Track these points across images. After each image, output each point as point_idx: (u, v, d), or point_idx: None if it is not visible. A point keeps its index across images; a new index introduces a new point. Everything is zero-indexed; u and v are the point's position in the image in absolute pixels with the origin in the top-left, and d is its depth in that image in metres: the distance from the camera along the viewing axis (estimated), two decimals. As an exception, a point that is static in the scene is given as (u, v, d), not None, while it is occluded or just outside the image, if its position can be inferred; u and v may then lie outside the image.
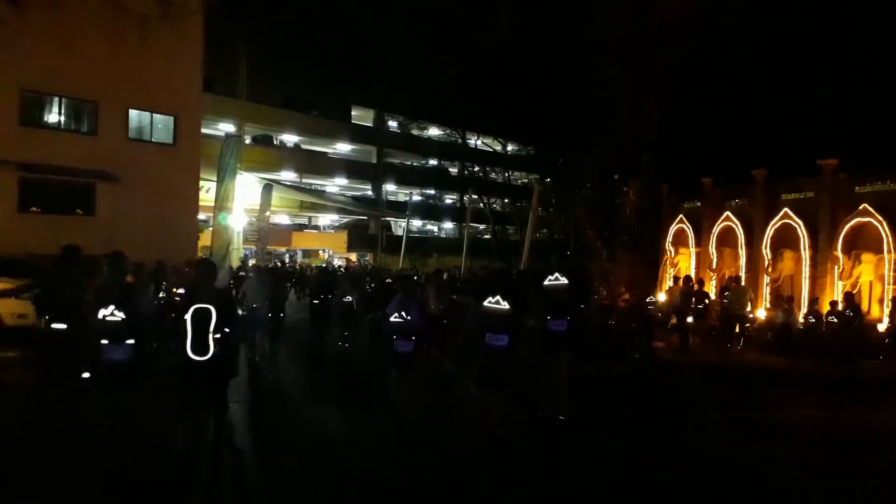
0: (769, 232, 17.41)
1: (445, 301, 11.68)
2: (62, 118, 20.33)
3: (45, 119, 20.03)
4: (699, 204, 20.60)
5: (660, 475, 5.92)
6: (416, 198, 41.78)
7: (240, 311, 10.75)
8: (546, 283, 7.67)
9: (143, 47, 20.19)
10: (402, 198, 40.62)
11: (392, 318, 7.06)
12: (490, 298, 6.70)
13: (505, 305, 6.57)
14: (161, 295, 11.57)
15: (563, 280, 7.56)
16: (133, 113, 21.19)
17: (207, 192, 21.16)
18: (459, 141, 39.04)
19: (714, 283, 18.76)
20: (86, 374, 6.13)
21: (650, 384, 10.78)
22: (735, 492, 5.55)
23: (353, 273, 21.27)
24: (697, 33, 19.15)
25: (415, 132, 40.33)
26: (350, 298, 13.16)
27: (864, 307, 14.80)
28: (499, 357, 6.51)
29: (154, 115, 21.79)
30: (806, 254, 16.51)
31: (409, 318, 7.02)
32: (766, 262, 17.43)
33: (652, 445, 6.86)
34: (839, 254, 15.57)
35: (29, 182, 18.97)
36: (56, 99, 19.96)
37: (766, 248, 17.47)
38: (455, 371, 9.47)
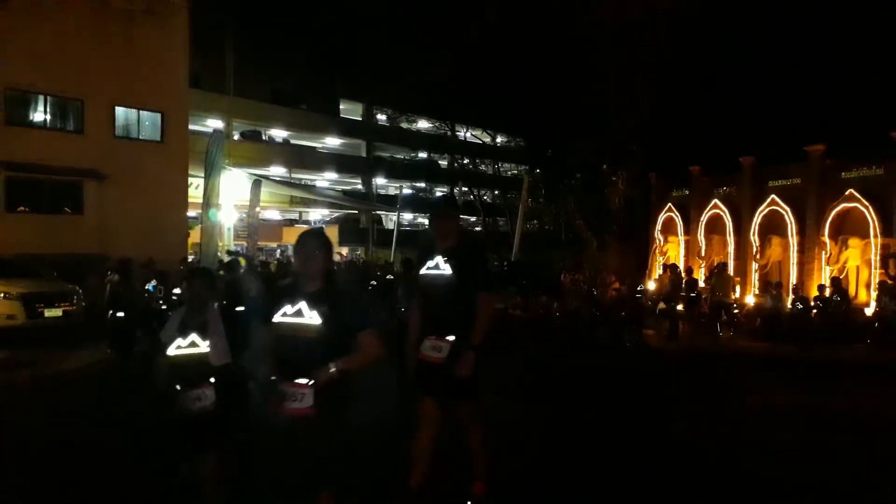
0: (757, 219, 17.53)
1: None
2: (48, 117, 20.16)
3: (31, 118, 19.86)
4: (687, 192, 20.70)
5: (649, 462, 5.97)
6: (407, 191, 41.71)
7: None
8: (423, 271, 4.45)
9: (128, 44, 20.07)
10: (392, 191, 40.52)
11: (171, 351, 4.05)
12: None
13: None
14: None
15: (446, 270, 4.31)
16: (119, 110, 21.03)
17: (196, 188, 21.07)
18: (449, 133, 39.00)
19: (703, 270, 18.89)
20: None
21: (640, 372, 10.84)
22: (725, 477, 5.61)
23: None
24: (685, 22, 19.19)
25: (404, 125, 40.23)
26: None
27: (852, 292, 14.96)
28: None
29: (141, 112, 21.63)
30: (793, 240, 16.64)
31: (208, 346, 4.06)
32: (755, 249, 17.56)
33: (641, 433, 6.91)
34: (826, 239, 15.71)
35: (16, 181, 18.82)
36: (41, 97, 19.78)
37: (754, 234, 17.60)
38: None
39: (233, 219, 20.77)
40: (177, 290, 10.18)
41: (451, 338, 4.26)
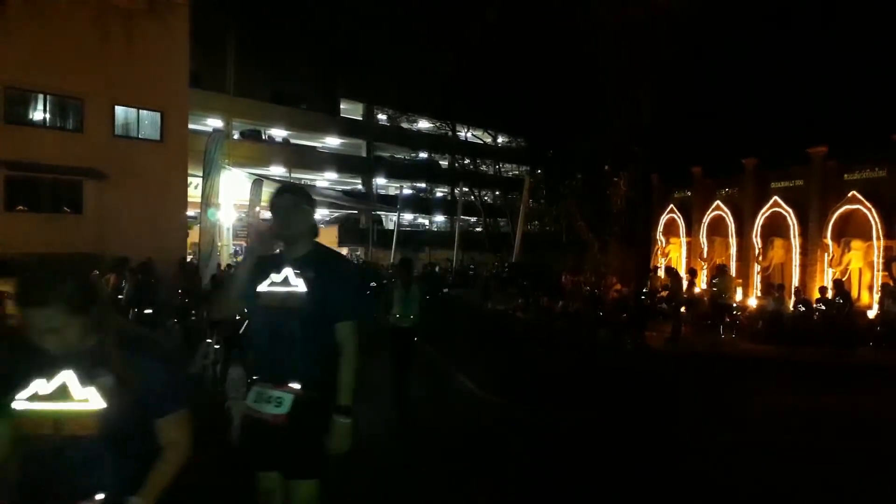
0: (759, 220, 17.47)
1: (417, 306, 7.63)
2: (47, 115, 20.10)
3: (31, 116, 19.81)
4: (689, 193, 20.65)
5: (650, 462, 5.92)
6: (407, 191, 41.67)
7: None
8: (264, 288, 3.04)
9: (128, 43, 19.98)
10: (392, 191, 40.53)
11: None
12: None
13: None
14: None
15: (298, 286, 2.99)
16: (119, 109, 20.98)
17: (196, 188, 21.03)
18: (449, 133, 38.96)
19: (705, 272, 18.83)
20: None
21: (641, 373, 10.79)
22: (727, 478, 5.56)
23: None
24: (686, 22, 19.14)
25: (404, 125, 40.22)
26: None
27: (854, 294, 14.89)
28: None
29: (141, 111, 21.59)
30: (796, 242, 16.58)
31: None
32: (757, 251, 17.50)
33: (642, 434, 6.86)
34: (829, 241, 15.64)
35: (15, 180, 18.78)
36: (41, 96, 19.73)
37: (756, 236, 17.53)
38: None
39: (232, 218, 20.72)
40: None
41: (296, 385, 2.86)
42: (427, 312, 7.85)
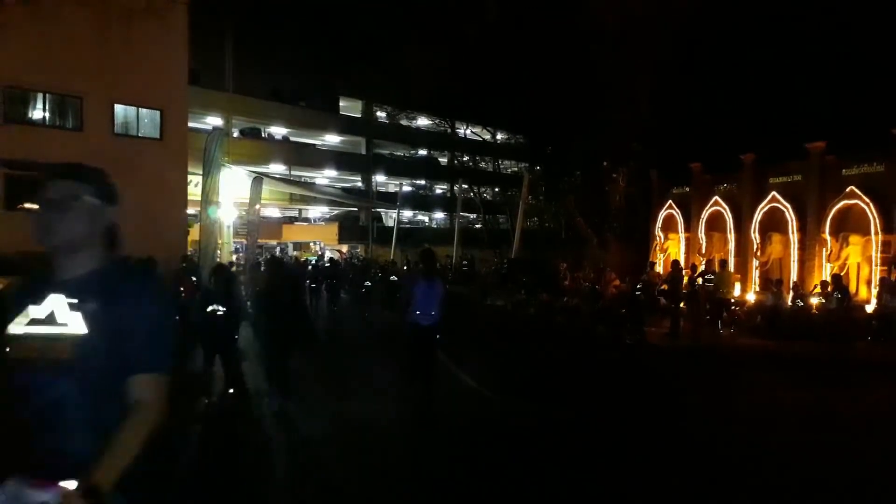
0: (758, 216, 17.51)
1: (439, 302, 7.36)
2: (47, 114, 20.11)
3: (30, 115, 19.83)
4: (688, 189, 20.68)
5: (650, 459, 5.96)
6: (407, 188, 41.71)
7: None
8: (16, 328, 1.90)
9: (127, 41, 19.99)
10: (392, 188, 40.57)
11: None
12: None
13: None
14: None
15: (71, 325, 1.86)
16: (119, 108, 20.98)
17: (196, 186, 21.05)
18: (448, 130, 38.97)
19: (703, 267, 18.86)
20: None
21: (641, 369, 10.83)
22: (726, 476, 5.60)
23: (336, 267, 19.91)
24: (686, 19, 19.15)
25: (404, 122, 40.22)
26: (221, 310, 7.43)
27: (853, 289, 14.92)
28: None
29: (140, 109, 21.58)
30: (794, 237, 16.62)
31: None
32: (755, 246, 17.54)
33: (642, 430, 6.90)
34: (827, 236, 15.68)
35: (15, 179, 18.79)
36: (40, 95, 19.74)
37: (754, 231, 17.58)
38: None
39: (232, 216, 20.75)
40: None
41: (71, 485, 1.73)
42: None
